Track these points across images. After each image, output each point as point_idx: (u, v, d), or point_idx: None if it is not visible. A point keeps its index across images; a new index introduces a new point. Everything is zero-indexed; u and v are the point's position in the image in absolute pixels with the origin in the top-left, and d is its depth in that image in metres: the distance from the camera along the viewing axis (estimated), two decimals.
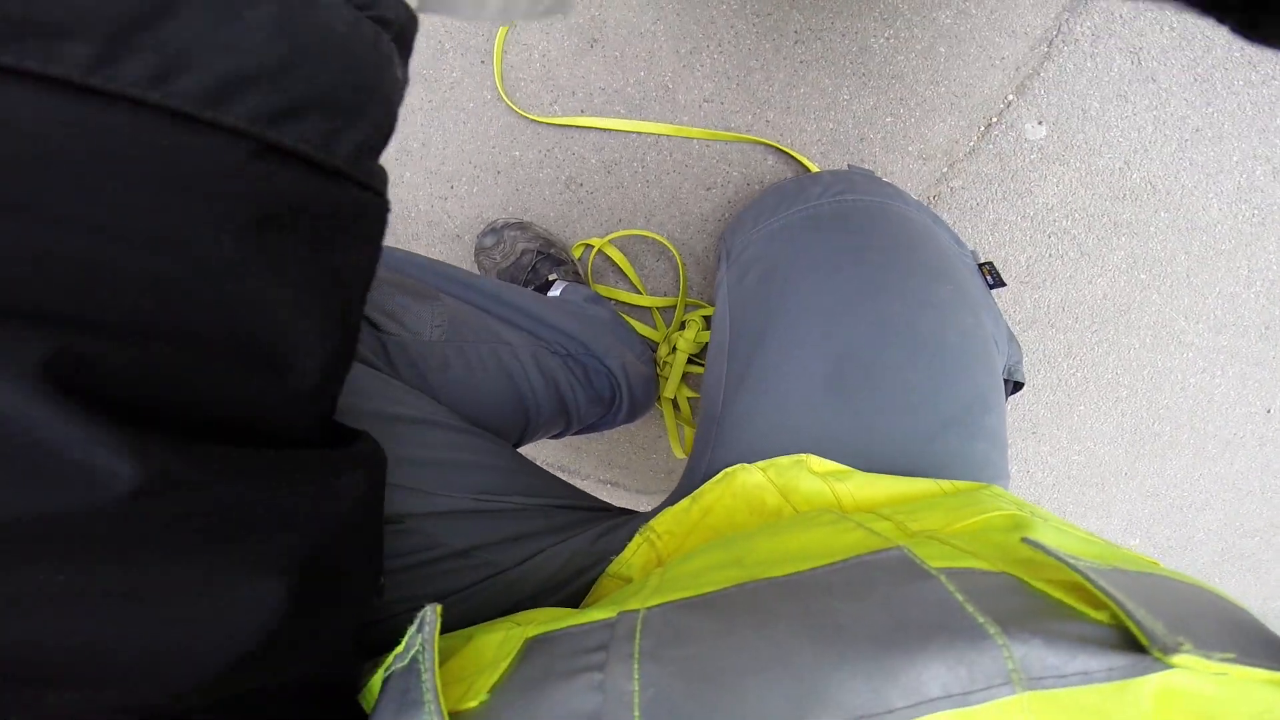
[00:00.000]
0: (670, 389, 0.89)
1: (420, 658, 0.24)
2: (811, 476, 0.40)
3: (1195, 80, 0.80)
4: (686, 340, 0.87)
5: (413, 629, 0.25)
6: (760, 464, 0.42)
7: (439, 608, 0.26)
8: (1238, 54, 0.79)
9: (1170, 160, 0.84)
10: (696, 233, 0.91)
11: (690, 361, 0.89)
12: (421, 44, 0.85)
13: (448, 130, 0.87)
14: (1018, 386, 0.62)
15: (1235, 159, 0.84)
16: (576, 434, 0.81)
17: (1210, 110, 0.81)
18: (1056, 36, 0.79)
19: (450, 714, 0.22)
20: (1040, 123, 0.83)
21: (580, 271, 0.92)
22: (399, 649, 0.25)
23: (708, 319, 0.88)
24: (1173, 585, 0.23)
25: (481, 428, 0.52)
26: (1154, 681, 0.18)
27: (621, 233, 0.91)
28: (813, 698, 0.19)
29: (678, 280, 0.93)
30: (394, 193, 0.88)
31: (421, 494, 0.42)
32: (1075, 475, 1.05)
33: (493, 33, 0.82)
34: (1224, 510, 1.09)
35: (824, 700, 0.19)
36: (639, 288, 0.94)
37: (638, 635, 0.25)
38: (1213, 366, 0.97)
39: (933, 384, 0.45)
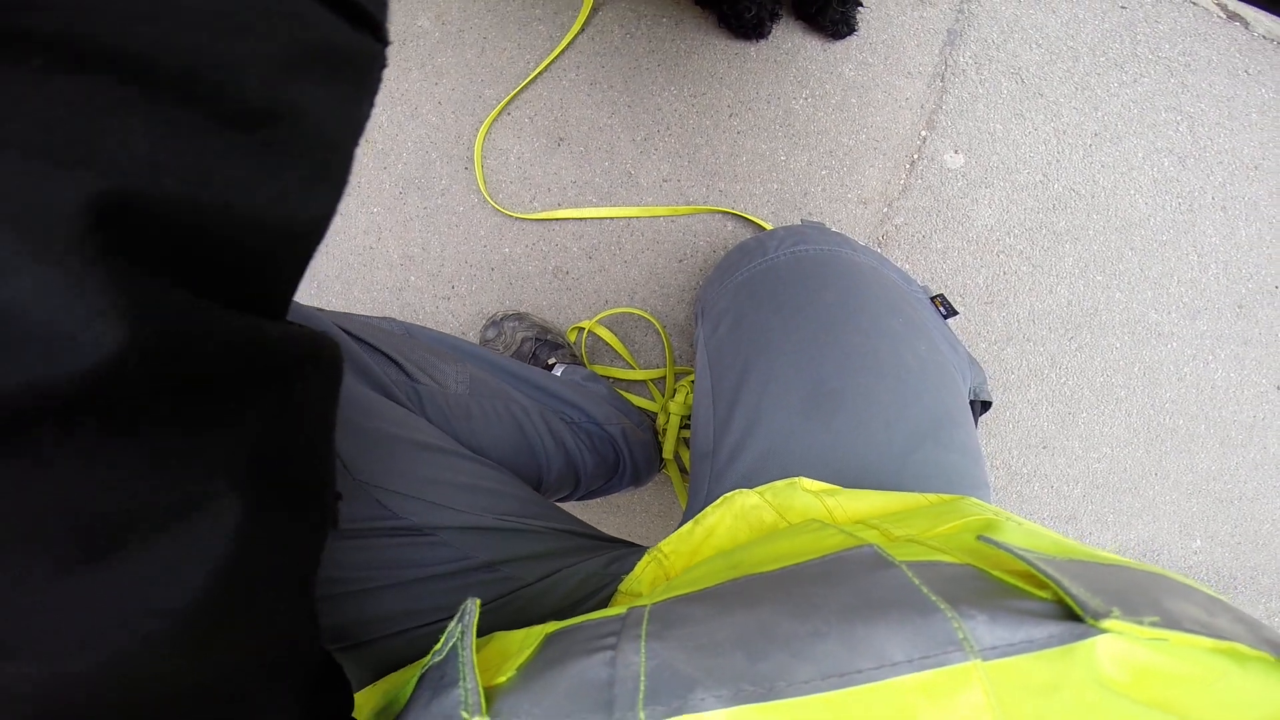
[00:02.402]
0: (668, 449, 0.92)
1: (459, 643, 0.27)
2: (805, 494, 0.43)
3: (1077, 89, 0.93)
4: (678, 404, 0.91)
5: (453, 622, 0.29)
6: (757, 489, 0.45)
7: (478, 600, 0.30)
8: (1103, 58, 0.93)
9: (1082, 166, 0.94)
10: (676, 303, 0.99)
11: (684, 425, 0.93)
12: (409, 153, 1.00)
13: (443, 234, 0.99)
14: (986, 406, 0.65)
15: (1140, 155, 0.94)
16: (583, 498, 0.83)
17: (1100, 114, 0.93)
18: (945, 70, 0.93)
19: (483, 689, 0.25)
20: (957, 151, 0.94)
21: (576, 353, 0.98)
22: (437, 646, 0.28)
23: (695, 382, 0.93)
24: (1124, 572, 0.26)
25: None
26: (1105, 651, 0.21)
27: (608, 312, 0.99)
28: (791, 660, 0.23)
29: (664, 351, 0.98)
30: (402, 297, 0.99)
31: (452, 511, 0.46)
32: (1103, 483, 1.01)
33: (472, 141, 0.97)
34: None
35: (801, 661, 0.23)
36: (631, 363, 0.99)
37: (645, 621, 0.28)
38: (1202, 353, 0.99)
39: (899, 404, 0.50)
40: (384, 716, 0.30)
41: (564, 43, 0.97)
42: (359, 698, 0.35)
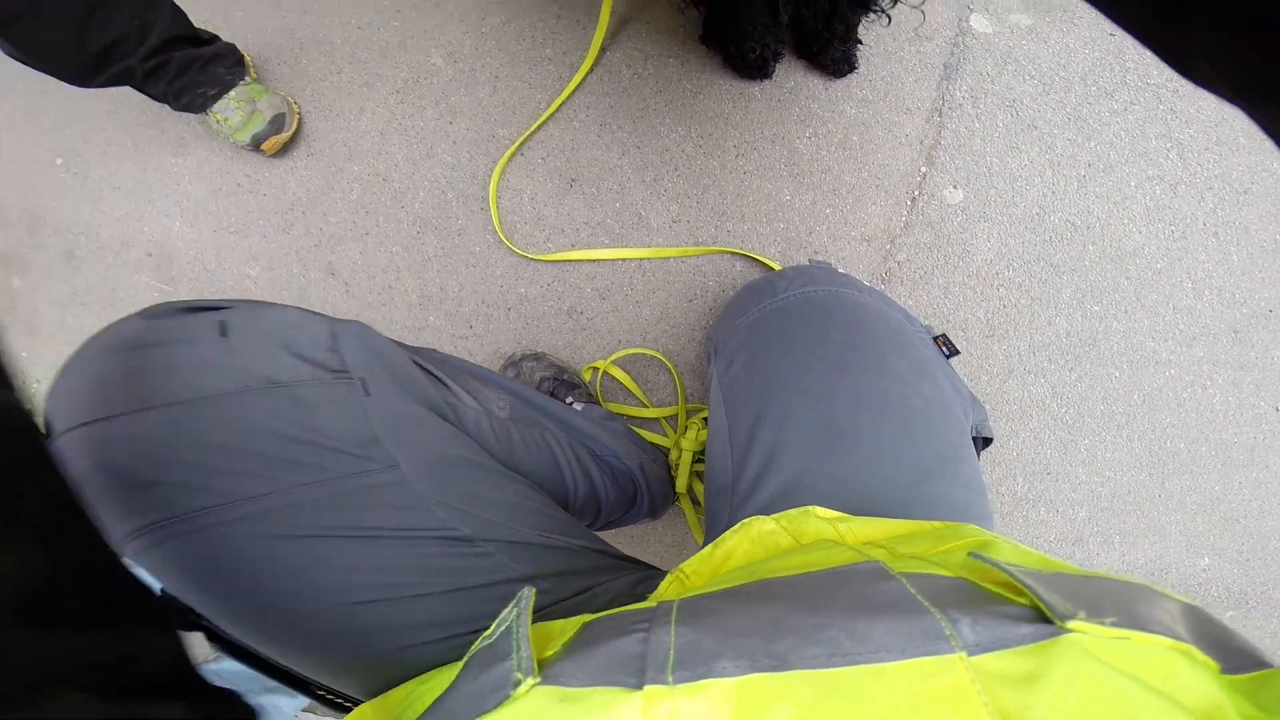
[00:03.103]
0: (681, 483, 0.94)
1: (515, 622, 0.30)
2: (818, 520, 0.46)
3: (1069, 119, 0.96)
4: (689, 440, 0.94)
5: (508, 608, 0.32)
6: (773, 516, 0.48)
7: (533, 589, 0.33)
8: (1094, 87, 0.96)
9: (1076, 198, 0.98)
10: (687, 342, 1.01)
11: (696, 459, 0.95)
12: (425, 192, 1.03)
13: (460, 275, 1.02)
14: (987, 442, 0.68)
15: (1133, 184, 0.97)
16: (601, 528, 0.85)
17: (1092, 144, 0.96)
18: (943, 105, 0.96)
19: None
20: (955, 187, 0.97)
21: (591, 392, 1.01)
22: (487, 632, 0.32)
23: (706, 419, 0.96)
24: (1103, 583, 0.29)
25: None
26: (1076, 649, 0.24)
27: (622, 353, 1.01)
28: (801, 643, 0.27)
29: (676, 389, 1.01)
30: (421, 336, 1.01)
31: (498, 525, 0.49)
32: (1108, 506, 1.03)
33: (487, 180, 1.00)
34: None
35: (809, 644, 0.26)
36: (644, 401, 1.02)
37: (674, 611, 0.31)
38: (1200, 379, 1.01)
39: (907, 441, 0.53)
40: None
41: (572, 85, 1.01)
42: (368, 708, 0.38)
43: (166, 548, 0.38)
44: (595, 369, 1.01)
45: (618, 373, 1.00)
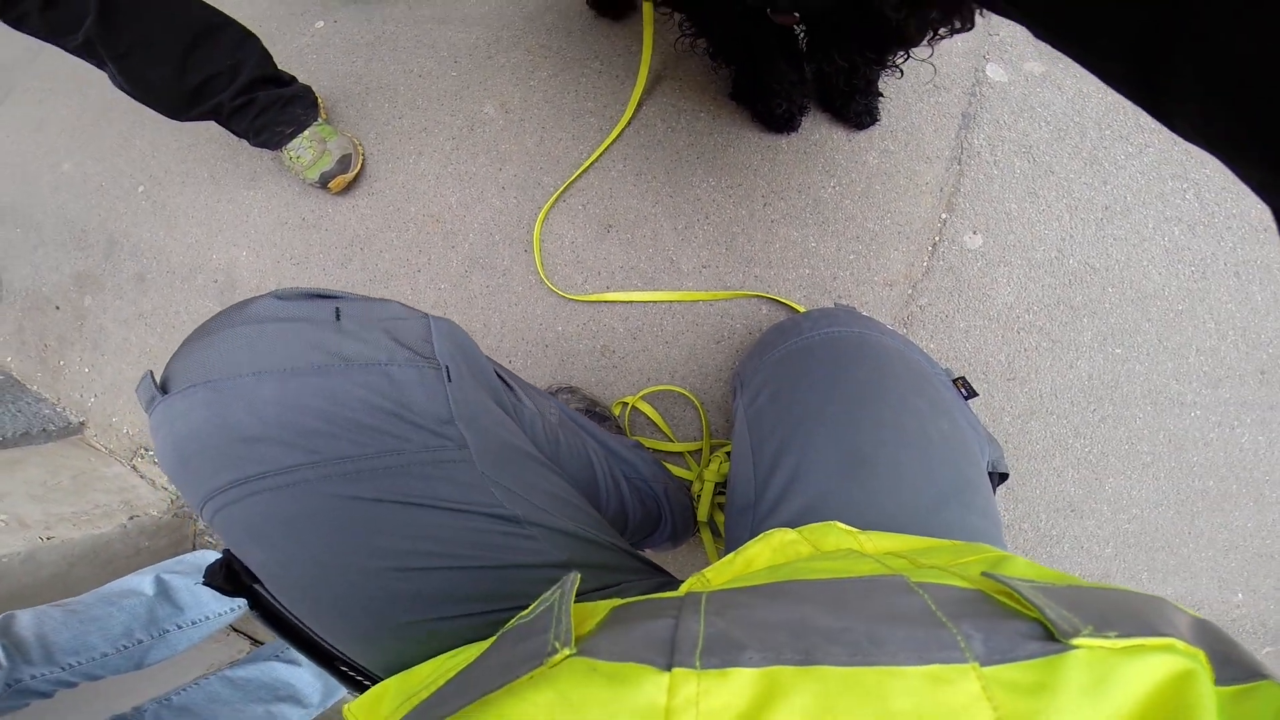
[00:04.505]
0: (703, 512, 0.98)
1: (559, 600, 0.33)
2: (839, 532, 0.49)
3: (1086, 164, 1.00)
4: (712, 472, 0.98)
5: (551, 590, 0.35)
6: (795, 529, 0.51)
7: (578, 574, 0.37)
8: (1109, 131, 1.00)
9: (1095, 241, 1.01)
10: (713, 381, 1.06)
11: (717, 492, 0.99)
12: (475, 234, 1.11)
13: (503, 312, 1.09)
14: (1003, 477, 0.70)
15: (1150, 226, 1.00)
16: None
17: (1109, 188, 1.00)
18: (962, 153, 1.01)
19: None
20: (975, 232, 1.01)
21: (621, 426, 1.06)
22: (526, 611, 0.35)
23: (729, 453, 1.00)
24: (1116, 595, 0.31)
25: None
26: (1081, 663, 0.27)
27: (650, 390, 1.06)
28: (825, 641, 0.29)
29: (700, 425, 1.05)
30: None
31: (544, 512, 0.54)
32: (1135, 543, 1.03)
33: (532, 223, 1.07)
34: None
35: (832, 644, 0.29)
36: (670, 436, 1.06)
37: (703, 602, 0.34)
38: (1227, 420, 1.02)
39: (925, 471, 0.56)
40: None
41: (611, 137, 1.08)
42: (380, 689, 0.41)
43: (253, 500, 0.43)
44: (625, 404, 1.06)
45: (646, 408, 1.05)
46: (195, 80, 1.07)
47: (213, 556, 0.70)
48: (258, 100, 1.13)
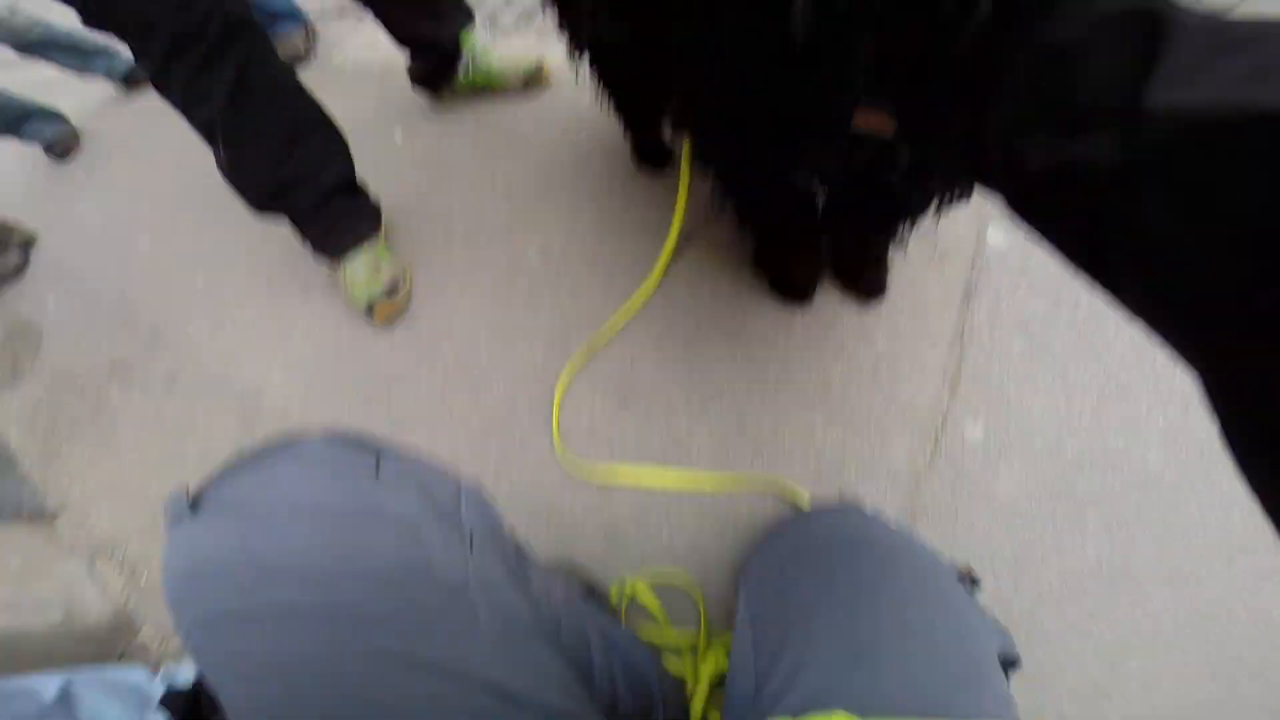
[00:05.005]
0: (696, 708, 0.95)
1: None
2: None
3: (1079, 339, 1.04)
4: (708, 670, 0.96)
5: None
6: (799, 718, 0.53)
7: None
8: (1098, 302, 1.03)
9: (1093, 428, 1.04)
10: (715, 572, 1.06)
11: (713, 688, 0.97)
12: (499, 389, 1.14)
13: (513, 481, 1.10)
14: (1013, 664, 0.71)
15: (1145, 407, 1.03)
16: None
17: (1101, 367, 1.04)
18: (964, 331, 1.06)
19: None
20: (976, 420, 1.05)
21: (617, 611, 1.05)
22: None
23: (725, 647, 0.99)
24: None
25: None
26: None
27: (650, 570, 1.06)
28: None
29: (699, 615, 1.04)
30: None
31: (541, 691, 0.54)
32: (1174, 717, 0.99)
33: (554, 382, 1.09)
34: None
35: None
36: (665, 625, 1.05)
37: None
38: (1248, 589, 1.00)
39: (932, 659, 0.57)
40: None
41: (635, 304, 1.13)
42: None
43: (254, 632, 0.43)
44: (623, 584, 1.05)
45: (645, 595, 1.05)
46: (287, 174, 1.09)
47: (141, 675, 0.67)
48: (333, 205, 1.16)
